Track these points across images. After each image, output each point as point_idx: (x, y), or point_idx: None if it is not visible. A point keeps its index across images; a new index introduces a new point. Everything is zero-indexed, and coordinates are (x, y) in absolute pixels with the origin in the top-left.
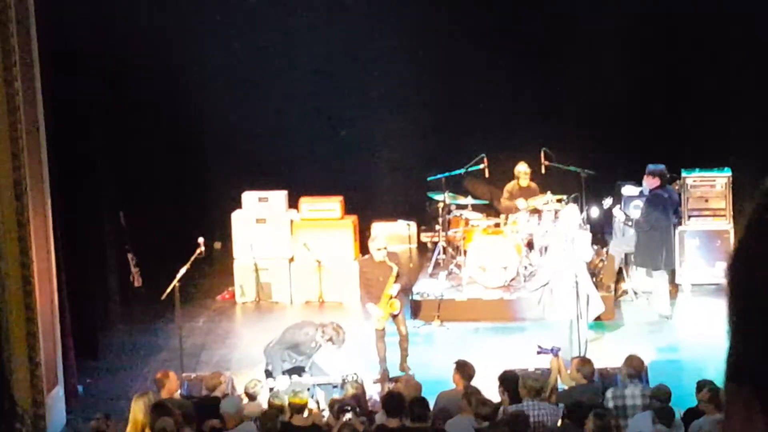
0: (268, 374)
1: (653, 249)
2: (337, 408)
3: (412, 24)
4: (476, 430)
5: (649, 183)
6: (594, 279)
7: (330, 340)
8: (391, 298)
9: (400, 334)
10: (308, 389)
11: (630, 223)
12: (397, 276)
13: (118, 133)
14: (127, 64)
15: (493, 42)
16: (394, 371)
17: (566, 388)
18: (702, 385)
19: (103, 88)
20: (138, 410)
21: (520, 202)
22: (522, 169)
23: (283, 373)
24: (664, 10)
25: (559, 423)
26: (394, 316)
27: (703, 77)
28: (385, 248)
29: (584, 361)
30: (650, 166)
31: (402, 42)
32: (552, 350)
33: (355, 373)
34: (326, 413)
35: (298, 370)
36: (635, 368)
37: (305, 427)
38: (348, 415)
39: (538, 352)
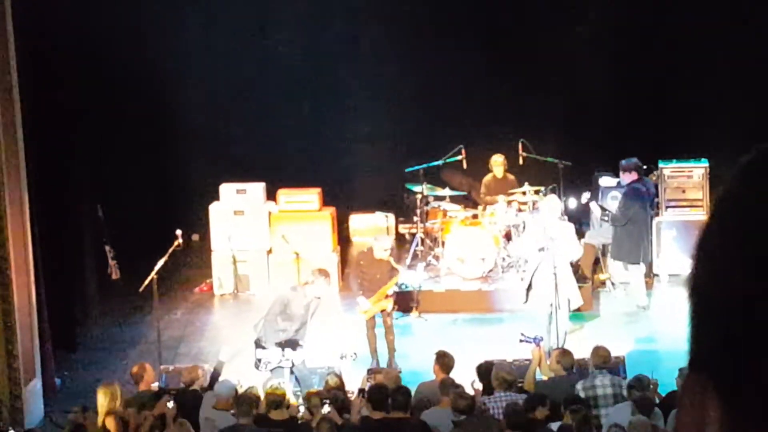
0: (258, 345)
1: (630, 243)
2: (316, 401)
3: (391, 17)
4: (453, 423)
5: (627, 178)
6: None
7: (318, 281)
8: (387, 297)
9: (385, 325)
10: (291, 371)
11: (606, 218)
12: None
13: (96, 125)
14: (105, 57)
15: (471, 34)
16: (384, 366)
17: (544, 378)
18: (682, 371)
19: (81, 81)
20: (102, 398)
21: (501, 199)
22: (496, 159)
23: (277, 345)
24: (641, 2)
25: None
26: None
27: (680, 68)
28: (392, 249)
29: (564, 353)
30: (623, 162)
31: (380, 34)
32: (534, 339)
33: (336, 365)
34: (302, 409)
35: (292, 344)
36: (602, 358)
37: (282, 420)
38: (326, 408)
39: (521, 341)
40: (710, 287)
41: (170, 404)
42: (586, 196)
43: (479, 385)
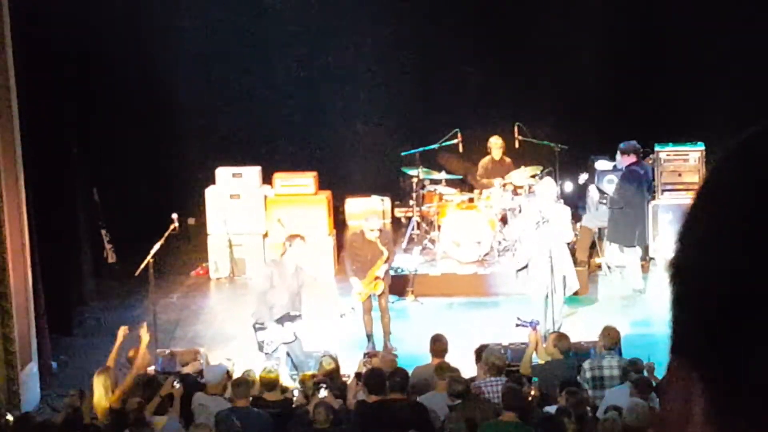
0: (257, 328)
1: (627, 226)
2: (312, 385)
3: (387, 1)
4: (449, 407)
5: (625, 160)
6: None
7: (294, 245)
8: (376, 278)
9: (380, 307)
10: (288, 355)
11: (605, 201)
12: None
13: (92, 109)
14: (101, 41)
15: (467, 17)
16: (380, 348)
17: (540, 362)
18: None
19: (76, 66)
20: (98, 385)
21: (497, 182)
22: (495, 141)
23: (276, 322)
24: None
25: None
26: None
27: (677, 51)
28: (380, 230)
29: (561, 336)
30: (622, 145)
31: (377, 17)
32: (531, 323)
33: (331, 349)
34: (297, 392)
35: (290, 317)
36: (613, 339)
37: (277, 401)
38: (323, 392)
39: (517, 325)
40: (694, 269)
41: (177, 385)
42: (583, 177)
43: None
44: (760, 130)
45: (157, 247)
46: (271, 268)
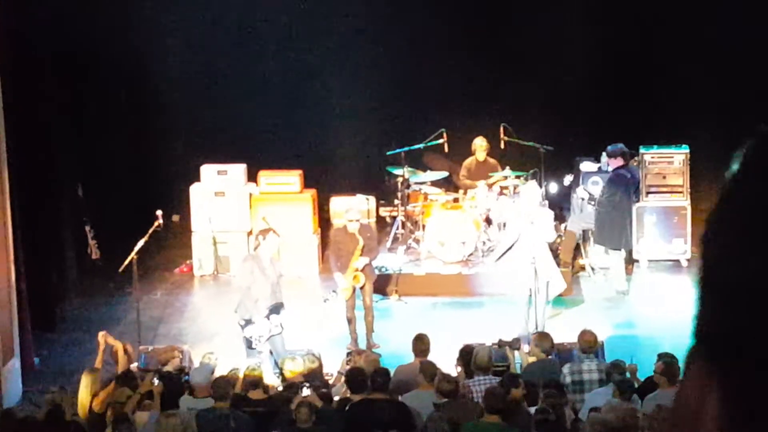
0: (243, 325)
1: (613, 229)
2: (295, 384)
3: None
4: (435, 405)
5: (612, 163)
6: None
7: (267, 239)
8: (356, 270)
9: (364, 305)
10: (270, 353)
11: (593, 203)
12: (363, 249)
13: (76, 104)
14: (86, 35)
15: (453, 17)
16: (362, 346)
17: (524, 363)
18: (660, 356)
19: (60, 59)
20: (84, 384)
21: (481, 184)
22: (479, 142)
23: (262, 317)
24: None
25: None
26: (360, 288)
27: (661, 53)
28: (358, 221)
29: (543, 336)
30: (610, 147)
31: (362, 17)
32: (512, 345)
33: (314, 348)
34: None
35: (275, 309)
36: (588, 343)
37: (260, 400)
38: (306, 391)
39: (500, 345)
40: (717, 266)
41: (156, 381)
42: (568, 179)
43: (459, 369)
44: None
45: (141, 243)
46: (250, 262)
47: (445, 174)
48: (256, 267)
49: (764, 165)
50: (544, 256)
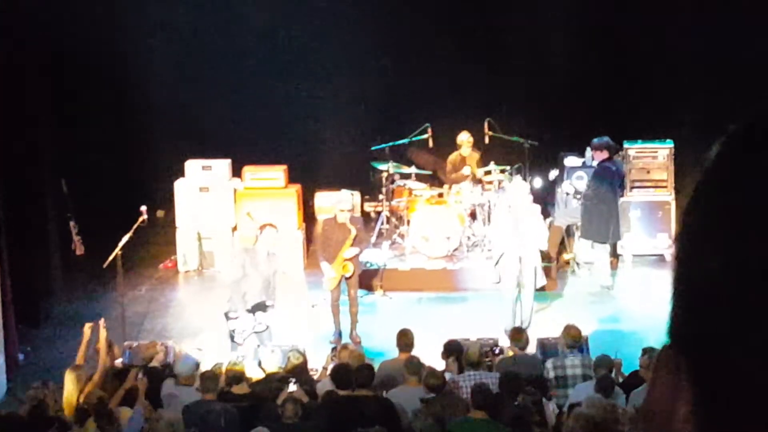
0: (228, 317)
1: (600, 222)
2: (280, 379)
3: None
4: (421, 401)
5: (597, 156)
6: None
7: (266, 232)
8: (345, 260)
9: (349, 297)
10: (258, 346)
11: (579, 197)
12: (355, 240)
13: (60, 99)
14: (71, 30)
15: (439, 12)
16: (346, 339)
17: (505, 357)
18: (645, 351)
19: (46, 55)
20: (69, 381)
21: (466, 169)
22: (464, 138)
23: (248, 311)
24: None
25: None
26: (347, 278)
27: (645, 48)
28: (350, 211)
29: (518, 332)
30: (595, 141)
31: (347, 11)
32: (494, 350)
33: (299, 344)
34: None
35: (261, 307)
36: (573, 338)
37: (244, 394)
38: (292, 387)
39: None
40: (685, 265)
41: (141, 376)
42: (553, 173)
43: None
44: (759, 115)
45: (125, 239)
46: (243, 256)
47: (429, 172)
48: (248, 261)
49: (726, 166)
50: (532, 255)
